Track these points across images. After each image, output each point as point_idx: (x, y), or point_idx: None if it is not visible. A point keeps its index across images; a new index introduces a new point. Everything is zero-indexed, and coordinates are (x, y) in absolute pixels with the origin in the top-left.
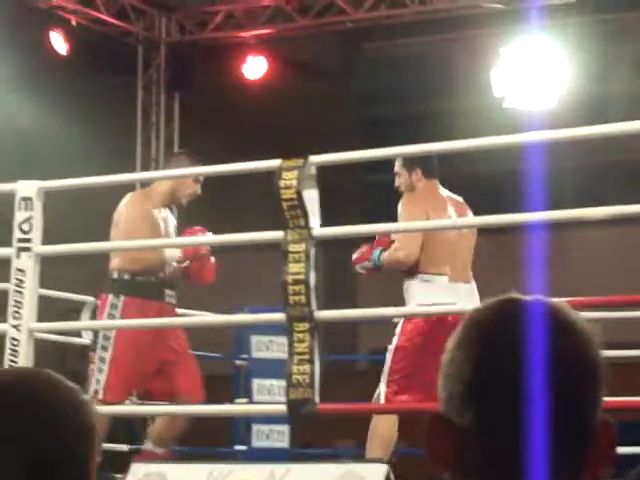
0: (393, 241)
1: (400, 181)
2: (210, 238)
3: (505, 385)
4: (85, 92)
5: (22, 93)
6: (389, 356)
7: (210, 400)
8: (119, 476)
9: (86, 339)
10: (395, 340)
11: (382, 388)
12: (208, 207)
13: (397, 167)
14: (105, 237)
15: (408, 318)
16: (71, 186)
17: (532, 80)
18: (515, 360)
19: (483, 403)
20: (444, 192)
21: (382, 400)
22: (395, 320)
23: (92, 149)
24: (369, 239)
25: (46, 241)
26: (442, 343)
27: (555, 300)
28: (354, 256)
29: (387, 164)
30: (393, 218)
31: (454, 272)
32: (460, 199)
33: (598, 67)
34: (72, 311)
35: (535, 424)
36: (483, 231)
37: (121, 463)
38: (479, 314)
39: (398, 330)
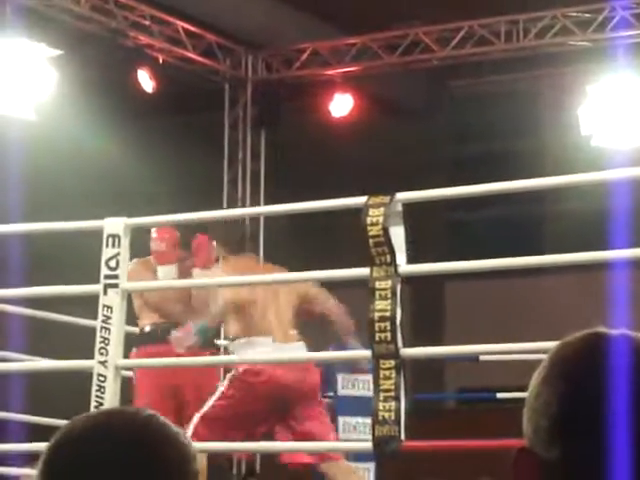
0: None
1: None
2: (295, 275)
3: (591, 421)
4: (171, 130)
5: (108, 130)
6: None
7: None
8: None
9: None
10: None
11: None
12: (294, 244)
13: None
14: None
15: None
16: (158, 223)
17: (620, 118)
18: (601, 395)
19: (569, 439)
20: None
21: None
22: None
23: (178, 186)
24: (454, 276)
25: None
26: None
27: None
28: None
29: (475, 202)
30: (478, 256)
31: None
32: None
33: None
34: None
35: (621, 460)
36: (569, 268)
37: None
38: (564, 348)
39: None
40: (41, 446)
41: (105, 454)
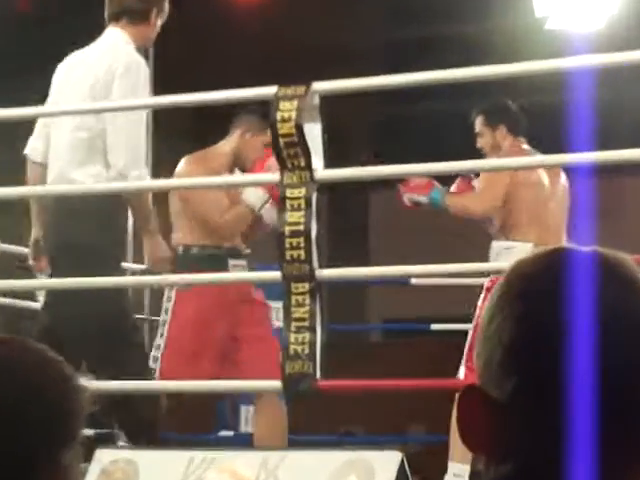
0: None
1: (482, 142)
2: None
3: (550, 347)
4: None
5: None
6: (470, 332)
7: None
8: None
9: (40, 301)
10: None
11: (461, 369)
12: (192, 140)
13: (478, 127)
14: None
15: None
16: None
17: None
18: (563, 318)
19: (524, 369)
20: (532, 152)
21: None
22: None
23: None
24: (381, 183)
25: None
26: None
27: (615, 252)
28: (408, 184)
29: (407, 95)
30: (412, 158)
31: (541, 238)
32: None
33: None
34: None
35: (583, 392)
36: None
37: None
38: (524, 265)
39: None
40: None
41: None
